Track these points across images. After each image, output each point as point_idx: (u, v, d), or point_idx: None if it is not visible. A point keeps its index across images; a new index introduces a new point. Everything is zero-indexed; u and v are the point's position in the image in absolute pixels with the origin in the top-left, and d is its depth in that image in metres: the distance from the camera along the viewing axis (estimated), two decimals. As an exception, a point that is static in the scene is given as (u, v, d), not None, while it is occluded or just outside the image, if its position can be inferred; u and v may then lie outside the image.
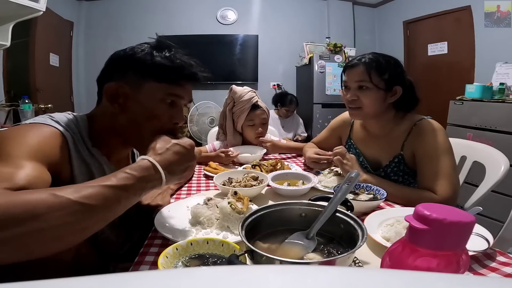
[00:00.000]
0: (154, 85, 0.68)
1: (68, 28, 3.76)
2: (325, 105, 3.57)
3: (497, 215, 1.68)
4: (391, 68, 1.01)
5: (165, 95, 0.69)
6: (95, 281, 0.21)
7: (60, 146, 0.62)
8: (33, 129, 0.61)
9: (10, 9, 1.66)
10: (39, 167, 0.54)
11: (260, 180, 1.02)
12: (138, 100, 0.68)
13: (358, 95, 1.03)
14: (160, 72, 0.67)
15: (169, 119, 0.71)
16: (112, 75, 0.70)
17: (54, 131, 0.63)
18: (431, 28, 3.63)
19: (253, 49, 4.12)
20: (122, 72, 0.69)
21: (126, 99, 0.68)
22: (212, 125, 3.31)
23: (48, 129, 0.63)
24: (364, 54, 1.05)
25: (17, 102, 2.35)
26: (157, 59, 0.67)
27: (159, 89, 0.68)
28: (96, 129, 0.72)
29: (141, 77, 0.68)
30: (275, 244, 0.57)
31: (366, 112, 1.04)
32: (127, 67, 0.68)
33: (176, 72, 0.69)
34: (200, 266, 0.57)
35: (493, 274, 0.56)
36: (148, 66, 0.67)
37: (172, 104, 0.71)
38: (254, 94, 1.52)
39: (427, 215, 0.42)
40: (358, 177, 0.63)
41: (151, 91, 0.68)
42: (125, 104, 0.68)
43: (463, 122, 2.25)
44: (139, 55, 0.68)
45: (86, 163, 0.69)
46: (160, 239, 0.69)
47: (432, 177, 0.94)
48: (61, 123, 0.66)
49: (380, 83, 1.00)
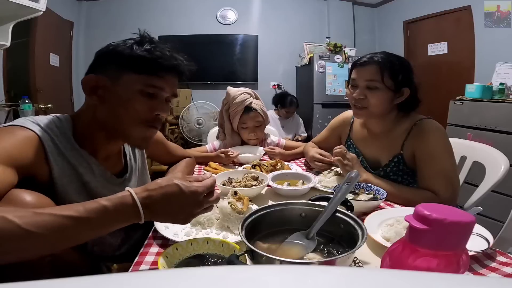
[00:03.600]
0: (133, 76, 0.68)
1: (68, 28, 3.76)
2: (325, 105, 3.56)
3: (497, 215, 1.68)
4: (403, 70, 1.00)
5: (144, 86, 0.69)
6: (95, 281, 0.21)
7: (33, 148, 0.63)
8: (5, 132, 0.62)
9: (10, 9, 1.66)
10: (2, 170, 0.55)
11: (260, 180, 1.02)
12: (117, 92, 0.68)
13: (366, 94, 1.01)
14: (138, 63, 0.68)
15: (149, 110, 0.71)
16: (94, 70, 0.71)
17: (27, 134, 0.64)
18: (431, 28, 3.63)
19: (253, 49, 4.12)
20: (103, 66, 0.70)
21: (105, 91, 0.69)
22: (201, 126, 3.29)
23: (22, 132, 0.63)
24: (375, 52, 1.03)
25: (17, 102, 2.35)
26: (136, 51, 0.68)
27: (138, 80, 0.69)
28: (80, 126, 0.73)
29: (120, 69, 0.69)
30: (275, 244, 0.57)
31: (372, 112, 1.03)
32: (108, 60, 0.70)
33: (155, 62, 0.69)
34: (200, 266, 0.57)
35: (493, 274, 0.56)
36: (127, 58, 0.68)
37: (152, 96, 0.71)
38: (247, 96, 1.49)
39: (427, 215, 0.42)
40: (358, 177, 0.63)
41: (130, 82, 0.68)
42: (104, 96, 0.69)
43: (463, 122, 2.25)
44: (119, 48, 0.69)
45: (71, 164, 0.69)
46: (160, 239, 0.69)
47: (432, 177, 0.94)
48: (40, 124, 0.67)
49: (391, 84, 0.99)
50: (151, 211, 0.52)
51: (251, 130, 1.50)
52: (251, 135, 1.51)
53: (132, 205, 0.51)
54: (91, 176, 0.73)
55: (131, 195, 0.51)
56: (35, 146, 0.63)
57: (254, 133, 1.51)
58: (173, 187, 0.53)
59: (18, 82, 2.88)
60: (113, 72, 0.69)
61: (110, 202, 0.50)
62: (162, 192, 0.53)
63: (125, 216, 0.51)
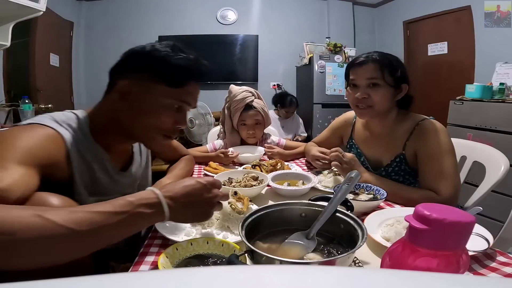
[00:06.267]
0: (166, 89, 0.69)
1: (68, 28, 3.76)
2: (325, 105, 3.56)
3: (497, 215, 1.68)
4: (400, 66, 1.02)
5: (174, 100, 0.70)
6: (95, 281, 0.21)
7: (55, 147, 0.63)
8: (26, 131, 0.61)
9: (10, 9, 1.67)
10: (25, 171, 0.54)
11: (260, 180, 1.02)
12: (147, 102, 0.69)
13: (368, 93, 1.01)
14: (170, 76, 0.69)
15: (172, 123, 0.72)
16: (126, 71, 0.70)
17: (50, 132, 0.63)
18: (431, 28, 3.63)
19: (253, 49, 4.12)
20: (136, 70, 0.70)
21: (136, 98, 0.69)
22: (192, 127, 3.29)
23: (43, 130, 0.63)
24: (369, 52, 1.04)
25: (17, 102, 2.35)
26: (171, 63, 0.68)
27: (169, 94, 0.70)
28: (98, 123, 0.72)
29: (154, 78, 0.69)
30: (275, 244, 0.57)
31: (377, 110, 1.03)
32: (142, 66, 0.70)
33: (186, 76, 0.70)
34: (200, 266, 0.57)
35: (493, 274, 0.56)
36: (161, 69, 0.68)
37: (179, 109, 0.73)
38: (249, 94, 1.50)
39: (427, 215, 0.42)
40: (358, 177, 0.63)
41: (162, 95, 0.69)
42: (133, 102, 0.69)
43: (463, 122, 2.25)
44: (153, 55, 0.69)
45: (87, 161, 0.69)
46: (160, 239, 0.69)
47: (434, 177, 0.94)
48: (60, 122, 0.66)
49: (391, 81, 1.00)
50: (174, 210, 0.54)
51: (250, 128, 1.50)
52: (249, 133, 1.51)
53: (157, 204, 0.52)
54: (103, 172, 0.74)
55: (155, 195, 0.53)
56: (57, 144, 0.63)
57: (253, 131, 1.51)
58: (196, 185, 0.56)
59: (18, 82, 2.88)
60: (147, 80, 0.69)
61: (134, 197, 0.51)
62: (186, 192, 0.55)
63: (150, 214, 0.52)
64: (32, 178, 0.55)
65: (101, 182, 0.73)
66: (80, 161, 0.67)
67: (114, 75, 0.72)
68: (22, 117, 2.29)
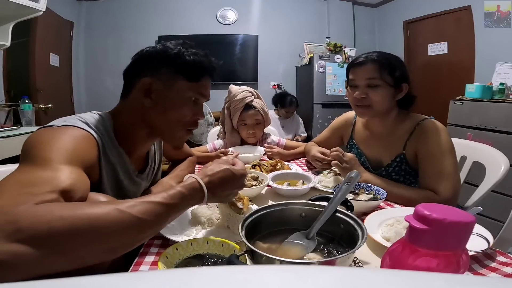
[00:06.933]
0: (185, 84, 0.73)
1: (68, 28, 3.76)
2: (325, 105, 3.56)
3: (497, 215, 1.68)
4: (399, 66, 1.02)
5: (194, 93, 0.75)
6: (95, 281, 0.21)
7: (92, 149, 0.64)
8: (66, 132, 0.62)
9: (10, 9, 1.67)
10: (76, 170, 0.55)
11: (260, 180, 1.02)
12: (169, 97, 0.73)
13: (367, 93, 1.01)
14: (190, 71, 0.73)
15: (193, 115, 0.77)
16: (143, 71, 0.73)
17: (86, 134, 0.64)
18: (431, 28, 3.63)
19: (253, 49, 4.12)
20: (155, 69, 0.72)
21: (158, 95, 0.72)
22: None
23: (80, 132, 0.64)
24: (369, 52, 1.04)
25: (17, 102, 2.35)
26: (188, 58, 0.72)
27: (190, 88, 0.74)
28: (121, 124, 0.74)
29: (173, 75, 0.72)
30: (275, 244, 0.57)
31: (376, 110, 1.03)
32: (160, 64, 0.72)
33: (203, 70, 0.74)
34: (200, 266, 0.57)
35: (493, 274, 0.56)
36: (179, 65, 0.72)
37: (196, 102, 0.77)
38: (249, 94, 1.50)
39: (427, 215, 0.42)
40: (358, 177, 0.63)
41: (182, 89, 0.73)
42: (156, 99, 0.72)
43: (463, 122, 2.25)
44: (170, 52, 0.72)
45: (112, 164, 0.71)
46: (160, 239, 0.69)
47: (434, 177, 0.94)
48: (90, 125, 0.67)
49: (390, 81, 1.00)
50: (212, 193, 0.60)
51: (250, 127, 1.50)
52: (249, 132, 1.51)
53: (200, 189, 0.58)
54: (125, 175, 0.76)
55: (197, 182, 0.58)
56: (92, 146, 0.65)
57: (253, 131, 1.51)
58: (226, 172, 0.62)
59: (18, 82, 2.88)
60: (166, 76, 0.72)
61: (184, 188, 0.56)
62: (219, 177, 0.61)
63: (194, 199, 0.58)
64: (85, 178, 0.57)
65: (123, 183, 0.75)
66: (107, 163, 0.69)
67: (130, 76, 0.74)
68: (22, 117, 2.28)
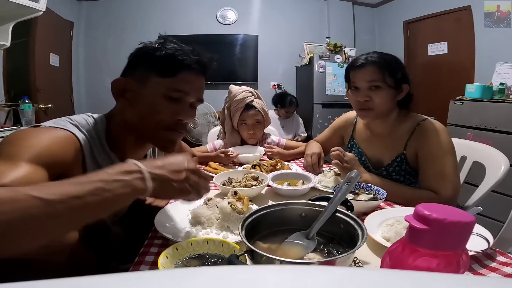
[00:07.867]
0: (158, 79, 0.69)
1: (68, 28, 3.76)
2: (325, 105, 3.56)
3: (497, 215, 1.68)
4: (400, 66, 1.02)
5: (167, 90, 0.70)
6: (96, 281, 0.21)
7: (71, 150, 0.63)
8: (44, 132, 0.62)
9: (10, 9, 1.67)
10: (35, 170, 0.54)
11: (260, 180, 1.02)
12: (143, 95, 0.70)
13: (370, 96, 1.01)
14: (161, 65, 0.69)
15: (171, 115, 0.71)
16: (125, 73, 0.73)
17: (68, 136, 0.64)
18: (431, 28, 3.63)
19: (253, 49, 4.11)
20: (132, 68, 0.72)
21: (132, 94, 0.70)
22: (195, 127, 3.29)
23: (61, 133, 0.63)
24: (368, 53, 1.04)
25: (17, 102, 2.35)
26: (161, 53, 0.69)
27: (162, 83, 0.70)
28: (113, 128, 0.73)
29: (147, 72, 0.70)
30: (275, 244, 0.57)
31: (378, 112, 1.03)
32: (136, 63, 0.71)
33: (176, 63, 0.69)
34: (200, 266, 0.57)
35: (493, 274, 0.56)
36: (151, 60, 0.69)
37: (176, 100, 0.71)
38: (249, 94, 1.50)
39: (427, 215, 0.42)
40: (358, 177, 0.62)
41: (155, 85, 0.70)
42: (131, 98, 0.70)
43: (463, 122, 2.25)
44: (145, 50, 0.71)
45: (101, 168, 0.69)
46: (160, 239, 0.69)
47: (434, 177, 0.94)
48: (80, 127, 0.67)
49: (391, 82, 1.00)
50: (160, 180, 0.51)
51: (250, 128, 1.51)
52: (249, 133, 1.51)
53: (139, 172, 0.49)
54: None
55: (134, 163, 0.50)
56: (73, 148, 0.64)
57: (253, 131, 1.51)
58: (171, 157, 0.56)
59: (18, 82, 2.88)
60: (141, 74, 0.70)
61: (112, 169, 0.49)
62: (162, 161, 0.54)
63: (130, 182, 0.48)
64: (38, 177, 0.55)
65: None
66: (94, 168, 0.68)
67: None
68: (22, 117, 2.28)
